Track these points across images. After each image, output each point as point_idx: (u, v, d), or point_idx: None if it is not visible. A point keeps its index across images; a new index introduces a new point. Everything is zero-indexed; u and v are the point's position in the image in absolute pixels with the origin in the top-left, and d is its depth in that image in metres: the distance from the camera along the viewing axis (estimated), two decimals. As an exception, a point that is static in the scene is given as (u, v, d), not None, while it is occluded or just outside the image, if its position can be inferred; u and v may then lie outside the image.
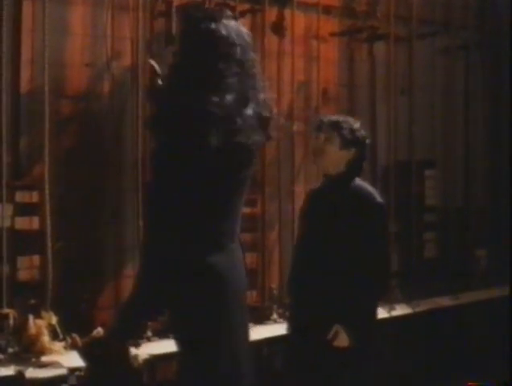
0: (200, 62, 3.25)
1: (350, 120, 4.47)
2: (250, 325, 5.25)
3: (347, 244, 4.21)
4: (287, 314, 4.85)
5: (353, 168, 4.36)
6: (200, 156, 3.15)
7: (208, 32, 3.28)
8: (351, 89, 6.36)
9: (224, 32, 3.27)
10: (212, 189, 3.23)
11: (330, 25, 6.17)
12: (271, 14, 5.73)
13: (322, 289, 4.22)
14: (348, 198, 4.28)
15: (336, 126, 4.36)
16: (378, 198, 4.33)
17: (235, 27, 3.33)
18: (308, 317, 4.28)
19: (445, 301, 6.50)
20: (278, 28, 5.76)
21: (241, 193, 3.39)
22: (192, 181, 3.18)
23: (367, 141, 4.43)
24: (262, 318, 5.36)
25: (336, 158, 4.34)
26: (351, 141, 4.34)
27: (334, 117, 4.49)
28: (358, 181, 4.37)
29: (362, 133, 4.41)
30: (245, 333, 3.45)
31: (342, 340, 4.16)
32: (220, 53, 3.25)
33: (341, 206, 4.28)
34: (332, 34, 6.19)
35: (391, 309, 6.00)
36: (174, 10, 5.13)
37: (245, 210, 5.46)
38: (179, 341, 3.34)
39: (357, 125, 4.42)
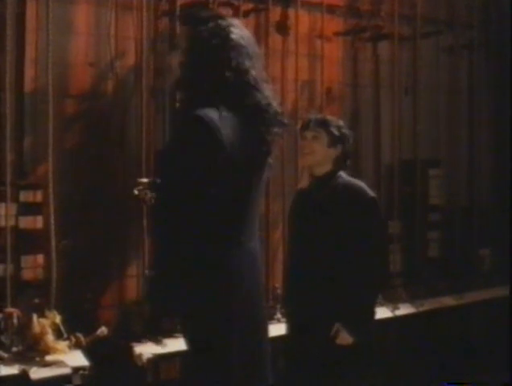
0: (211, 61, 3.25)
1: (335, 118, 4.50)
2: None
3: (343, 241, 4.21)
4: (285, 313, 4.85)
5: (339, 165, 4.38)
6: (217, 150, 3.15)
7: (218, 32, 3.28)
8: (355, 88, 6.36)
9: (233, 30, 3.28)
10: (229, 185, 3.21)
11: (334, 24, 6.17)
12: (275, 13, 5.74)
13: (321, 288, 4.23)
14: (340, 195, 4.29)
15: (323, 124, 4.37)
16: (370, 192, 4.33)
17: (239, 27, 3.34)
18: (308, 316, 4.29)
19: (449, 301, 6.48)
20: (282, 27, 5.76)
21: (260, 189, 3.39)
22: (207, 177, 3.16)
23: (351, 139, 4.44)
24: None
25: (324, 155, 4.34)
26: (338, 138, 4.35)
27: (320, 116, 4.53)
28: (346, 177, 4.37)
29: (347, 130, 4.43)
30: (261, 332, 3.43)
31: (344, 338, 4.18)
32: (231, 50, 3.25)
33: (333, 203, 4.28)
34: (336, 34, 6.19)
35: (395, 308, 6.00)
36: (178, 9, 5.14)
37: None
38: (191, 341, 3.32)
39: (341, 122, 4.45)
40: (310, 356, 4.25)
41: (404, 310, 6.08)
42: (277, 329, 5.14)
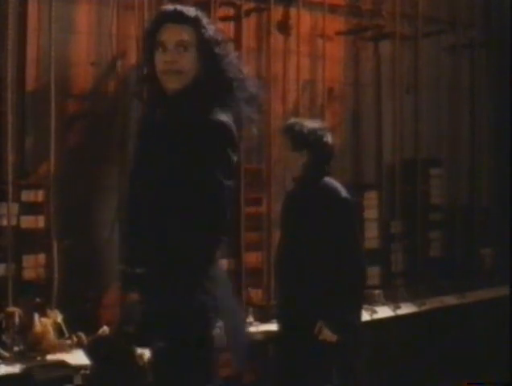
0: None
1: (306, 122, 4.54)
2: (256, 323, 5.30)
3: (321, 242, 4.35)
4: (276, 311, 4.93)
5: (315, 170, 4.43)
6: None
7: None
8: (356, 88, 6.35)
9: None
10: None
11: (336, 23, 6.17)
12: (277, 12, 5.74)
13: (305, 286, 4.36)
14: (316, 196, 4.41)
15: (287, 130, 4.49)
16: (344, 193, 4.42)
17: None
18: (294, 314, 4.41)
19: (451, 300, 6.49)
20: (284, 27, 5.77)
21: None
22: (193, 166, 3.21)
23: (325, 140, 4.43)
24: (267, 317, 5.36)
25: (291, 160, 4.46)
26: (301, 143, 4.40)
27: (290, 121, 4.60)
28: (326, 179, 4.46)
29: (318, 133, 4.43)
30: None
31: (327, 336, 4.28)
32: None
33: (310, 206, 4.41)
34: (338, 33, 6.19)
35: (397, 307, 6.01)
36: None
37: (251, 209, 5.52)
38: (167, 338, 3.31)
39: (312, 126, 4.47)
40: (296, 354, 4.36)
41: (406, 309, 6.09)
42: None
